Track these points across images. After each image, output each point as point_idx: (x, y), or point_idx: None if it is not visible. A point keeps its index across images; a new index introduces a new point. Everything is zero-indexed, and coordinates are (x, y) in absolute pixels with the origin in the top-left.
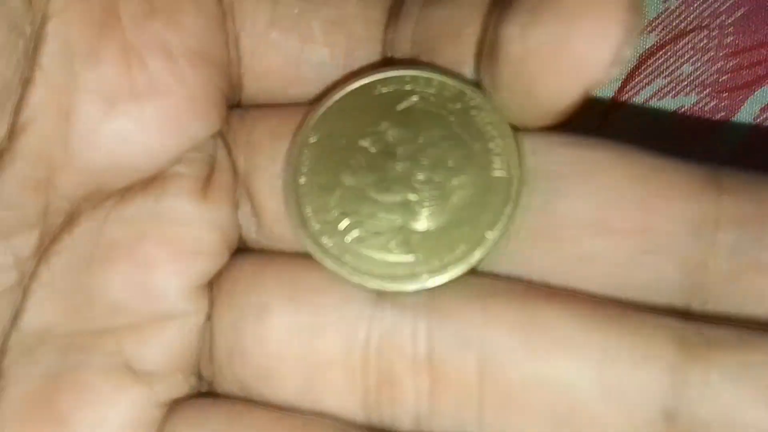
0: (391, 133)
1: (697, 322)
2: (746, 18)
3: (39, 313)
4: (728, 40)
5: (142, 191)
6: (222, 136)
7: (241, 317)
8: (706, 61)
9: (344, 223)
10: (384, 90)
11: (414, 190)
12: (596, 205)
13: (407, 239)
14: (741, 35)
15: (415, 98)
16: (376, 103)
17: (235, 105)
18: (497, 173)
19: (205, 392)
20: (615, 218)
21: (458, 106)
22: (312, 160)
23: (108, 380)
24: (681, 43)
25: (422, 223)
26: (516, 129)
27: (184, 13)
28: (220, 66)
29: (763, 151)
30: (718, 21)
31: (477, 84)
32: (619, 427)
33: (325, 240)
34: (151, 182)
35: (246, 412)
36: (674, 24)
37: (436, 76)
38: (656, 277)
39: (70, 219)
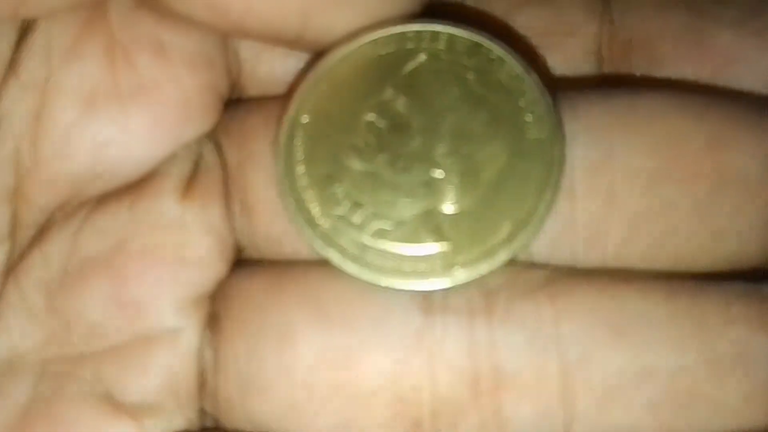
0: (400, 102)
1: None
2: None
3: (8, 338)
4: None
5: (116, 196)
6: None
7: (259, 344)
8: None
9: (359, 216)
10: (384, 51)
11: (437, 166)
12: (659, 154)
13: (438, 225)
14: None
15: (422, 57)
16: (377, 67)
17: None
18: (533, 134)
19: (211, 428)
20: (682, 164)
21: (475, 61)
22: (308, 145)
23: (85, 412)
24: None
25: (453, 204)
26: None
27: None
28: (219, 69)
29: None
30: None
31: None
32: (734, 403)
33: (340, 239)
34: (127, 186)
35: None
36: None
37: (443, 29)
38: (734, 218)
39: (41, 232)
